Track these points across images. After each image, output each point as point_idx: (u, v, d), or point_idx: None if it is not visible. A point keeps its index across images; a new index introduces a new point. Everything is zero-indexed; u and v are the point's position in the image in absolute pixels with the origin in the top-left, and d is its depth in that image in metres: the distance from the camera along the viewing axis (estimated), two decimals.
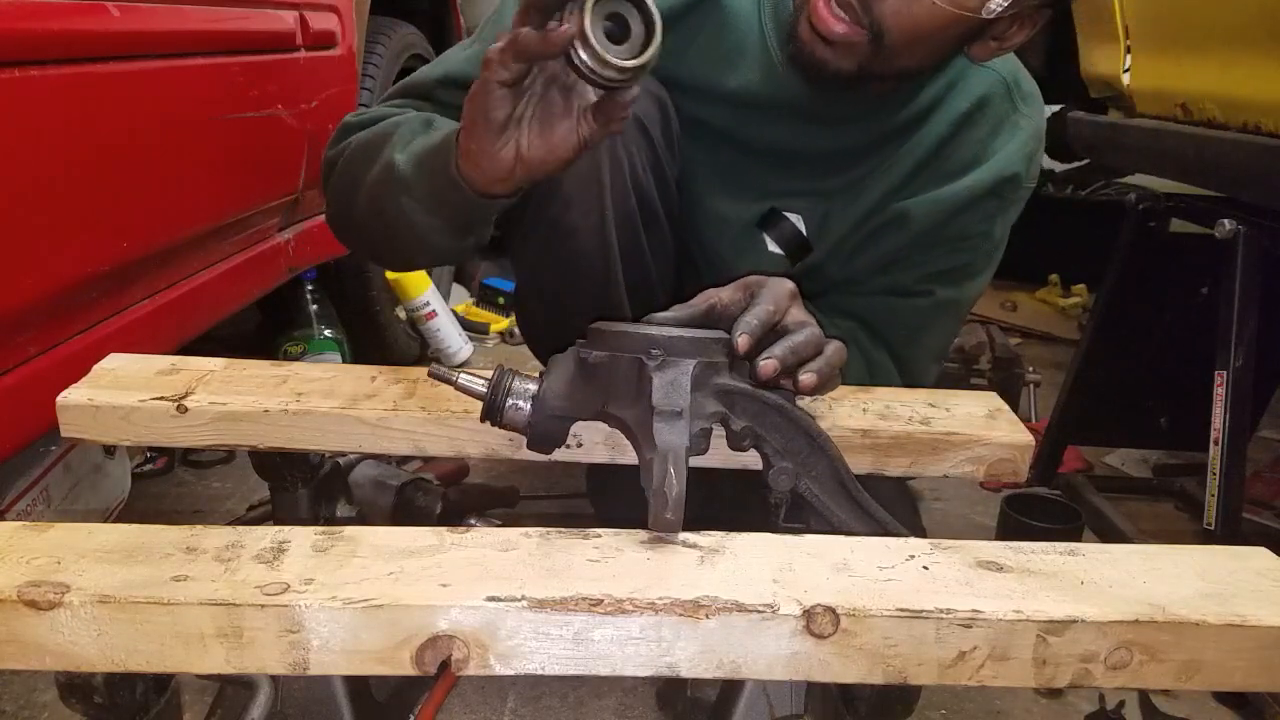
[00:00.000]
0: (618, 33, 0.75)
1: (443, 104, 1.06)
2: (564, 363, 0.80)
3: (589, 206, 1.01)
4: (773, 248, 1.18)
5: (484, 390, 0.80)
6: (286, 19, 1.60)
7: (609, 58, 0.73)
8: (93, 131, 1.10)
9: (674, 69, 1.08)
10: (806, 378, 0.78)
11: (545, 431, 0.80)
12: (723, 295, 0.83)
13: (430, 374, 0.82)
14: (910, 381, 1.15)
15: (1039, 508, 1.58)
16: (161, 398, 0.85)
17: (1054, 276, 3.30)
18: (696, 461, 0.87)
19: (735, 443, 0.78)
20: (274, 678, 0.85)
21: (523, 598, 0.59)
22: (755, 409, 0.77)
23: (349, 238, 1.09)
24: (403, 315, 2.37)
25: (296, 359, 2.01)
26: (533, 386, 0.80)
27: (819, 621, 0.59)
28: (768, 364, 0.76)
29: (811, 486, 0.77)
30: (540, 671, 0.60)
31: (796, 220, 1.17)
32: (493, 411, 0.80)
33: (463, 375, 0.81)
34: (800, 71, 1.02)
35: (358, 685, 0.92)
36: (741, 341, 0.76)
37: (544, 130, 0.80)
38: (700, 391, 0.75)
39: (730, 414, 0.77)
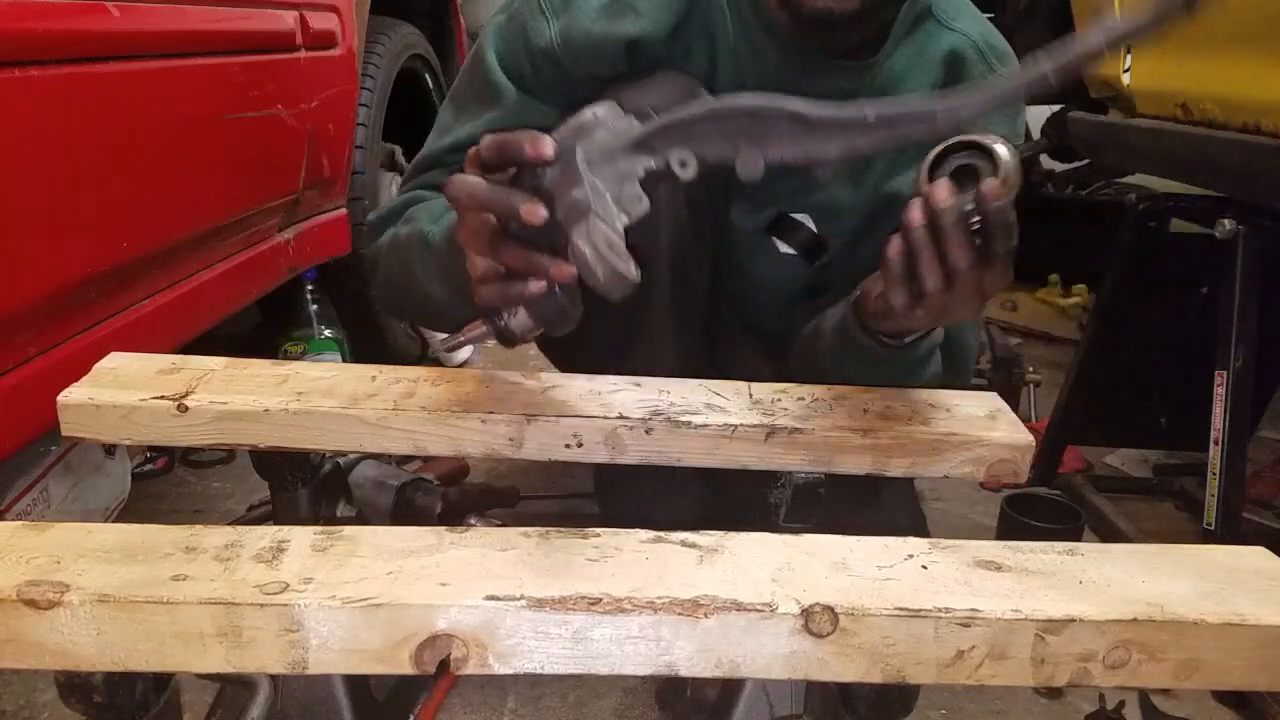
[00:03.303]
0: None
1: (456, 168, 1.06)
2: None
3: None
4: (786, 249, 1.18)
5: (484, 330, 0.80)
6: (286, 19, 1.60)
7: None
8: (93, 132, 1.10)
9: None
10: None
11: (552, 313, 0.78)
12: None
13: (443, 347, 0.82)
14: (963, 356, 1.13)
15: (1039, 508, 1.58)
16: (162, 397, 0.85)
17: (1054, 276, 3.30)
18: (698, 461, 0.88)
19: (690, 174, 0.72)
20: (274, 677, 0.85)
21: (522, 597, 0.59)
22: (679, 134, 0.71)
23: (398, 312, 1.11)
24: None
25: (297, 359, 2.01)
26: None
27: (818, 620, 0.59)
28: None
29: (778, 152, 0.70)
30: (539, 670, 0.60)
31: (804, 219, 1.16)
32: (505, 335, 0.79)
33: (461, 334, 0.82)
34: (805, 30, 1.02)
35: (358, 684, 0.92)
36: None
37: None
38: (609, 162, 0.71)
39: (664, 156, 0.71)
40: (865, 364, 0.98)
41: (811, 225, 1.16)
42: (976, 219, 0.78)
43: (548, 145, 0.70)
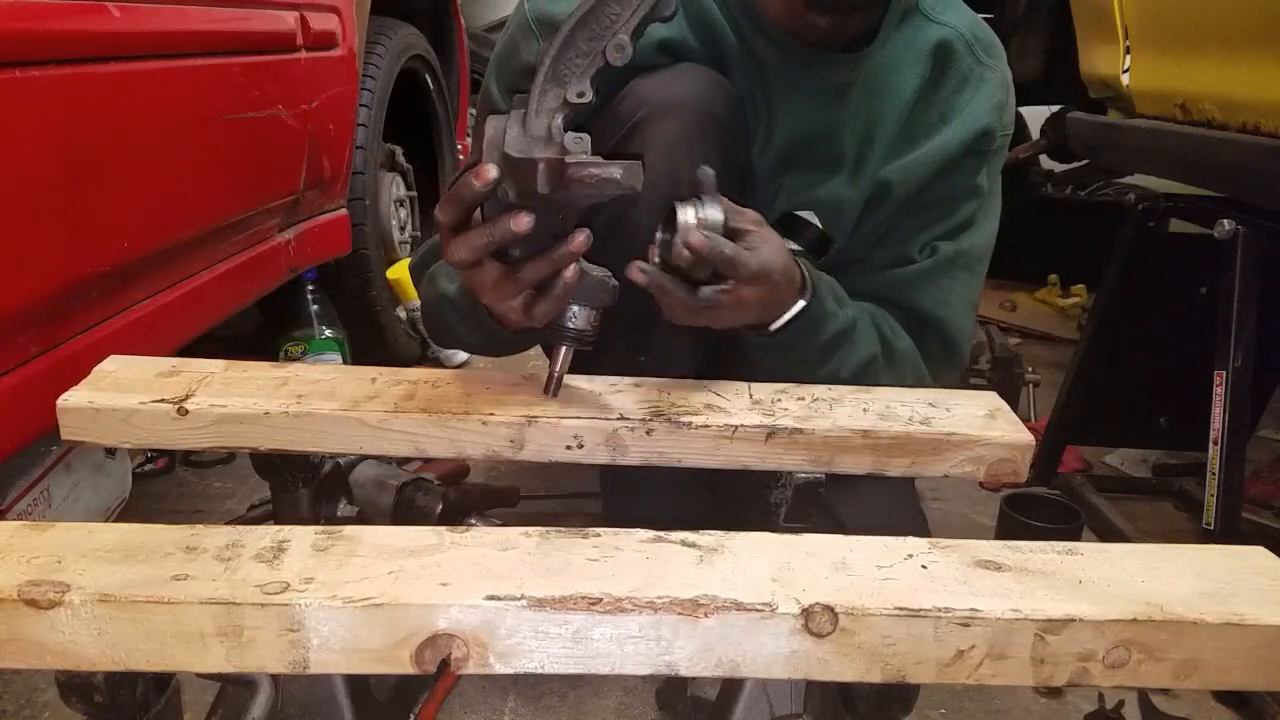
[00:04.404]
0: None
1: None
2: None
3: (653, 206, 1.02)
4: (794, 247, 1.18)
5: (564, 349, 0.86)
6: (287, 19, 1.60)
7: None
8: (93, 132, 1.10)
9: None
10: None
11: (597, 288, 0.84)
12: None
13: (552, 394, 0.89)
14: (952, 344, 1.13)
15: (1039, 508, 1.58)
16: (162, 400, 0.85)
17: (1053, 276, 3.31)
18: (699, 462, 0.88)
19: (589, 98, 0.78)
20: (274, 677, 0.85)
21: (522, 596, 0.59)
22: (553, 78, 0.77)
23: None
24: (403, 315, 2.37)
25: (297, 359, 2.02)
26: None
27: (817, 620, 0.59)
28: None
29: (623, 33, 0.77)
30: (540, 670, 0.60)
31: (810, 217, 1.17)
32: (581, 338, 0.86)
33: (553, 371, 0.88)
34: (816, 13, 1.04)
35: (358, 684, 0.92)
36: None
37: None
38: (532, 139, 0.76)
39: (562, 100, 0.77)
40: (769, 353, 1.00)
41: (817, 222, 1.17)
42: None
43: (488, 168, 0.75)
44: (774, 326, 0.97)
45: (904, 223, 1.13)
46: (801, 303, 0.97)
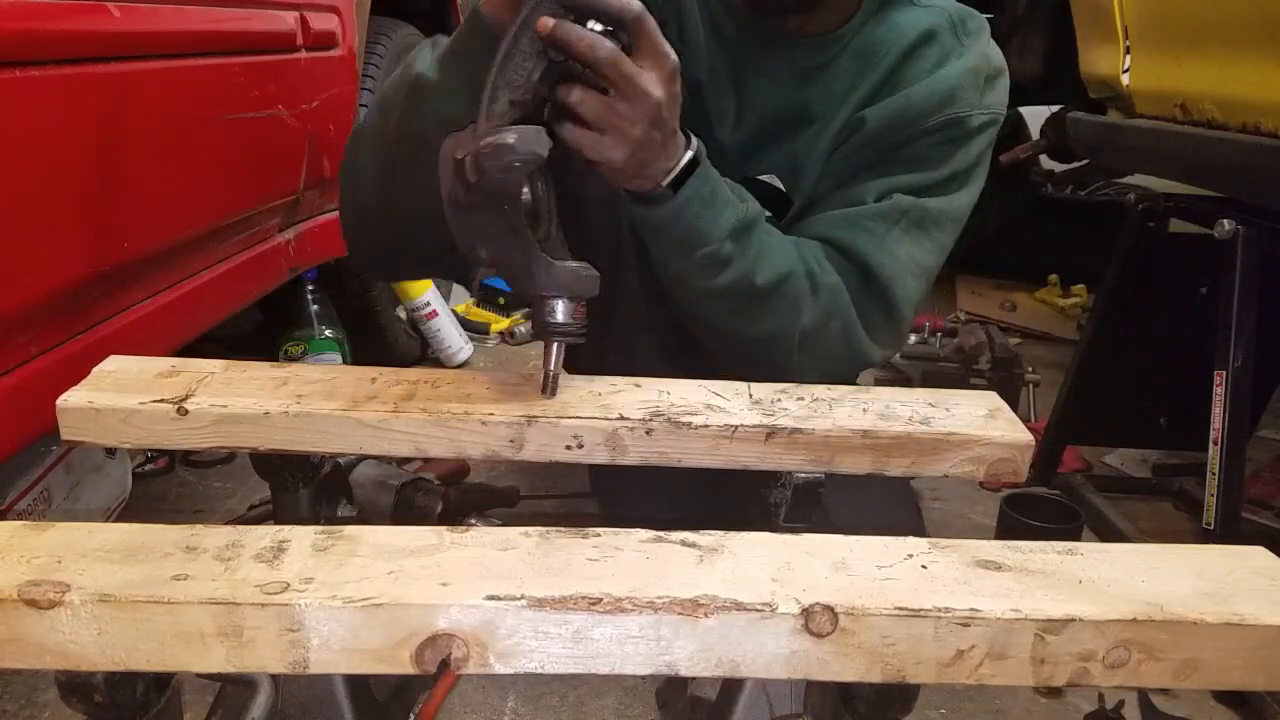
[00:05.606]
0: None
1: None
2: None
3: (612, 203, 1.01)
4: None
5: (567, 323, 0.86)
6: (287, 19, 1.60)
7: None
8: (93, 132, 1.10)
9: None
10: None
11: (569, 281, 0.84)
12: None
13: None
14: (890, 301, 1.06)
15: (1039, 507, 1.58)
16: (162, 400, 0.85)
17: (1053, 277, 3.30)
18: (699, 462, 0.88)
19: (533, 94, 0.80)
20: (274, 677, 0.85)
21: (522, 596, 0.59)
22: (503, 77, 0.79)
23: (366, 234, 1.13)
24: (403, 315, 2.37)
25: (297, 359, 2.02)
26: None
27: (817, 620, 0.59)
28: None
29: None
30: (539, 670, 0.60)
31: (771, 180, 1.16)
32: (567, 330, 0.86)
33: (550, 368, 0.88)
34: (754, 12, 1.04)
35: (358, 684, 0.92)
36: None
37: None
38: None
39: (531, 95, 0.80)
40: (669, 232, 0.96)
41: (778, 184, 1.16)
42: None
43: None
44: (665, 180, 0.91)
45: (867, 168, 1.10)
46: (690, 152, 0.91)
